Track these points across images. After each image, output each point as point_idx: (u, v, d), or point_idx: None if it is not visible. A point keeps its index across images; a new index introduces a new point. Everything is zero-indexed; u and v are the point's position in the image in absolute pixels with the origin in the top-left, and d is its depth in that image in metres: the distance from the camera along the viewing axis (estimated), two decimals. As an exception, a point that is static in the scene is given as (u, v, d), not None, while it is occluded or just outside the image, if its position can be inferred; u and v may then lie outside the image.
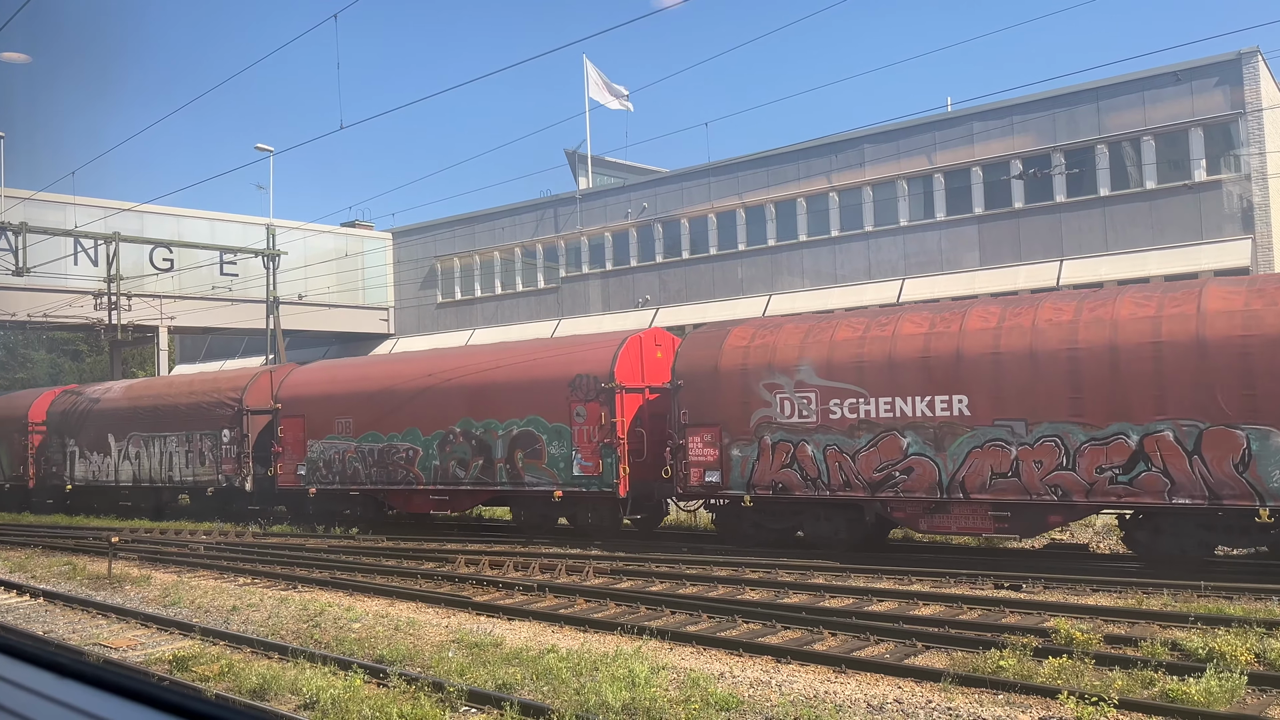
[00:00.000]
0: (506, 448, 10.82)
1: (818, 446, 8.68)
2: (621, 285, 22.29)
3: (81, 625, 7.47)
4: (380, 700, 4.74)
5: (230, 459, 13.93)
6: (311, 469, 12.72)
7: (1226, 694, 4.45)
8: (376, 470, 12.05)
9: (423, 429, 11.59)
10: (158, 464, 15.07)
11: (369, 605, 7.62)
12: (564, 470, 10.31)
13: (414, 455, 11.65)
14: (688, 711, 4.44)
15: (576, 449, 10.24)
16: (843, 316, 9.36)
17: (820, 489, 8.66)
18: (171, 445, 14.84)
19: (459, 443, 11.25)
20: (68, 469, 16.63)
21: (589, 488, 10.17)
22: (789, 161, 19.82)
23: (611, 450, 10.02)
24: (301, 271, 22.91)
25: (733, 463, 9.10)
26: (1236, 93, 15.28)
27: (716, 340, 9.55)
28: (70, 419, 16.68)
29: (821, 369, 8.69)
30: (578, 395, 10.30)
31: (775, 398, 8.90)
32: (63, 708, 0.90)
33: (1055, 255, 16.83)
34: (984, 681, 4.81)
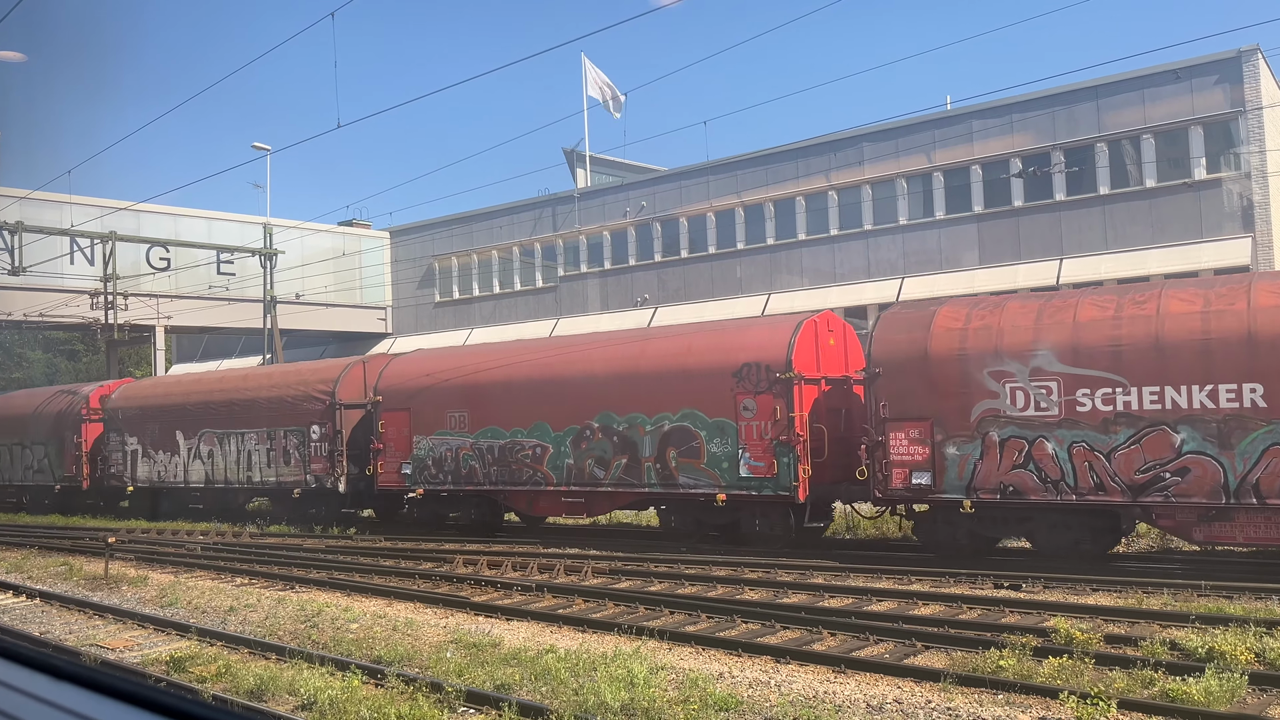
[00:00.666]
0: (656, 445, 9.53)
1: (1060, 443, 7.37)
2: (620, 284, 22.25)
3: (78, 626, 7.45)
4: (378, 701, 4.72)
5: (320, 458, 12.68)
6: (418, 468, 11.38)
7: (1226, 694, 4.44)
8: (497, 469, 10.77)
9: (553, 424, 10.28)
10: (234, 464, 13.73)
11: (367, 605, 7.59)
12: (728, 471, 9.09)
13: (542, 453, 10.36)
14: (686, 712, 4.42)
15: (744, 447, 8.98)
16: (1082, 293, 7.96)
17: (1063, 492, 7.38)
18: (250, 443, 13.47)
19: (597, 439, 9.97)
20: (128, 469, 15.30)
21: (760, 490, 8.93)
22: (788, 160, 19.77)
23: (789, 449, 8.75)
24: (299, 271, 22.86)
25: (948, 462, 7.84)
26: (1236, 91, 15.26)
27: (922, 322, 8.21)
28: (131, 415, 15.31)
29: (1065, 353, 7.36)
30: (745, 386, 9.04)
31: (1004, 387, 7.60)
32: (59, 711, 0.88)
33: (1055, 254, 16.82)
34: (984, 681, 4.79)
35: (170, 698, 0.89)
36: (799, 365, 8.96)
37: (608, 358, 10.27)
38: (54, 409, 17.01)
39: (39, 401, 17.65)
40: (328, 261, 24.20)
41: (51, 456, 16.92)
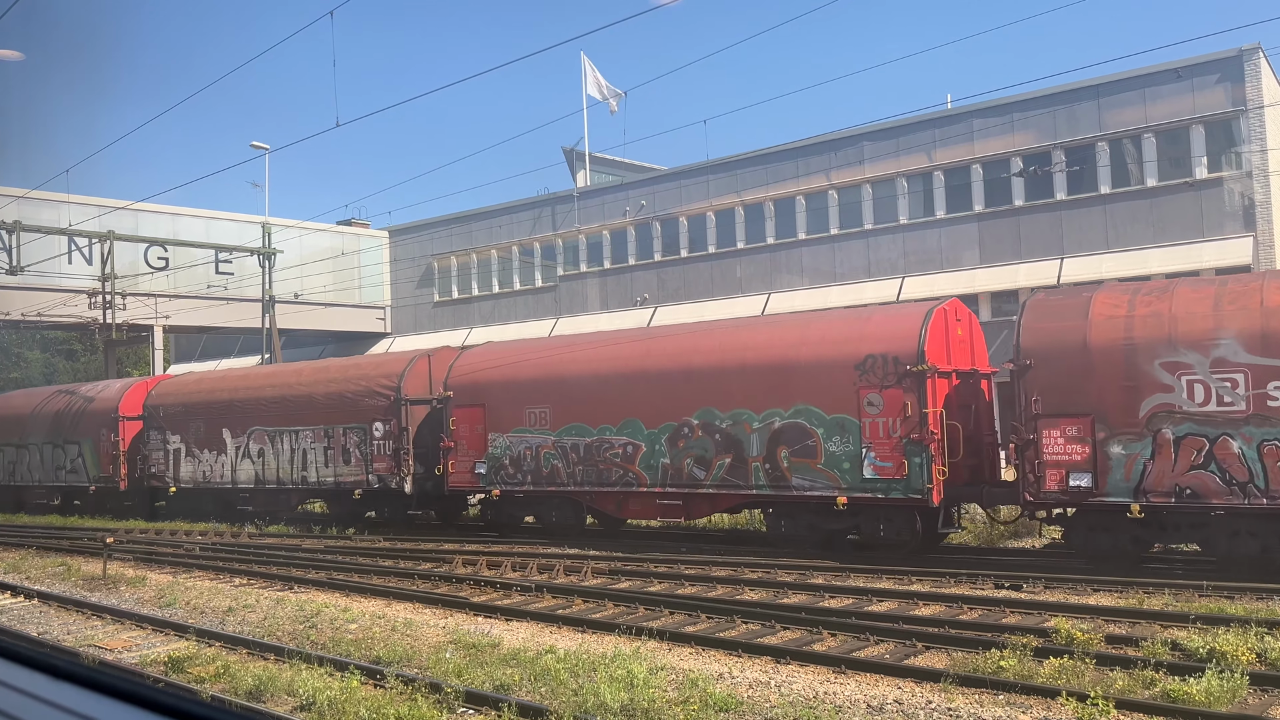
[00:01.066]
0: (765, 444, 8.76)
1: (1249, 442, 6.66)
2: (619, 284, 22.22)
3: (76, 626, 7.43)
4: (377, 701, 4.71)
5: (384, 456, 11.76)
6: (494, 467, 10.62)
7: (1228, 694, 4.43)
8: (583, 469, 9.96)
9: (646, 420, 9.50)
10: (288, 463, 12.80)
11: (366, 606, 7.58)
12: (850, 472, 8.30)
13: (634, 452, 9.59)
14: (686, 712, 4.41)
15: (869, 446, 8.19)
16: (1266, 276, 7.18)
17: (1253, 496, 6.67)
18: (306, 441, 12.53)
19: (697, 437, 9.19)
20: (170, 469, 14.36)
21: (886, 493, 8.13)
22: (788, 159, 19.73)
23: (921, 448, 7.94)
24: (297, 270, 22.83)
25: (1112, 462, 7.07)
26: (1238, 89, 15.25)
27: (1078, 309, 7.41)
28: (173, 412, 14.38)
29: (1253, 342, 6.64)
30: (870, 380, 8.24)
31: (1179, 380, 6.87)
32: (57, 710, 0.88)
33: (1056, 253, 16.80)
34: (984, 682, 4.78)
35: (169, 697, 0.88)
36: (932, 356, 8.14)
37: (708, 349, 9.44)
38: (87, 406, 16.10)
39: (71, 398, 16.74)
40: (326, 261, 24.16)
41: (86, 456, 15.90)
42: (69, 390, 17.56)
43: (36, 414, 17.19)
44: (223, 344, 28.48)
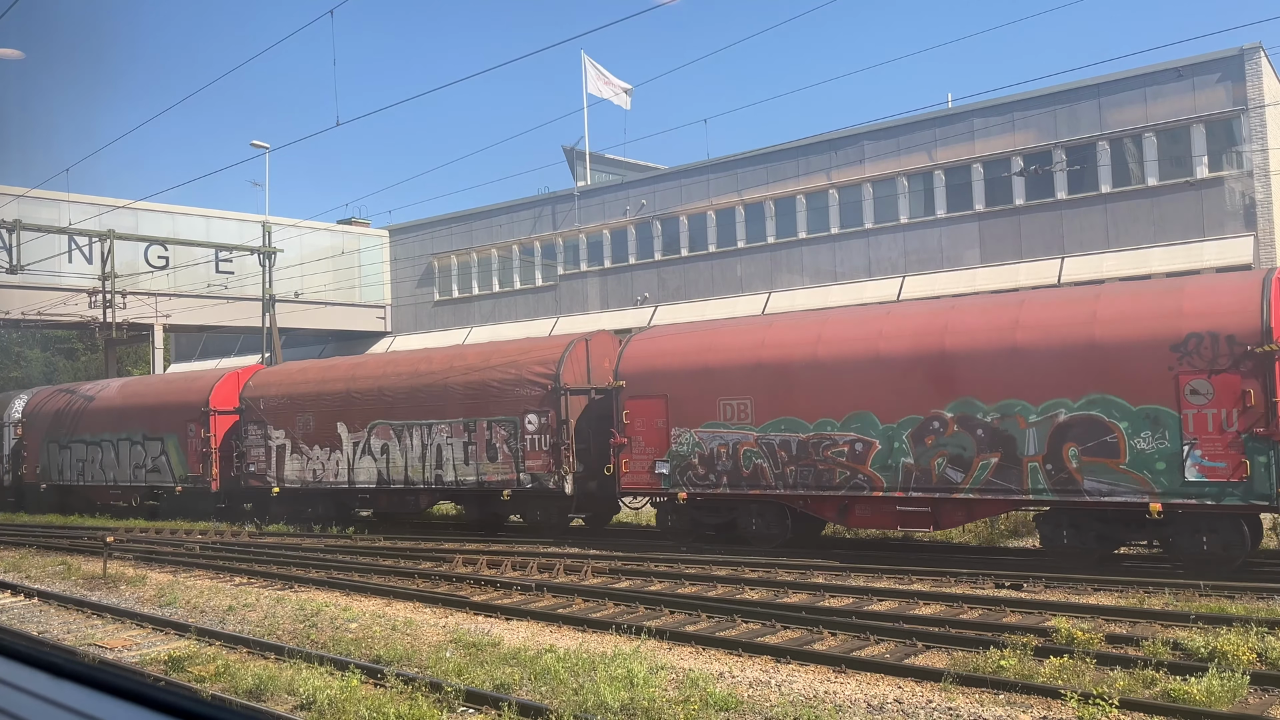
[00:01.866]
0: (1046, 440, 7.37)
1: None
2: (620, 283, 22.20)
3: (76, 625, 7.43)
4: (377, 700, 4.71)
5: (539, 452, 10.25)
6: (679, 466, 9.29)
7: (1228, 694, 4.42)
8: (795, 470, 8.64)
9: (880, 414, 8.15)
10: (418, 460, 11.25)
11: (366, 605, 7.57)
12: (1165, 474, 6.95)
13: (865, 450, 8.25)
14: (686, 712, 4.40)
15: (1192, 443, 6.82)
16: None
17: None
18: (441, 436, 11.04)
19: (951, 433, 7.80)
20: (273, 467, 12.83)
21: (1218, 499, 6.82)
22: (788, 158, 19.70)
23: (1270, 445, 6.60)
24: (297, 269, 22.81)
25: None
26: (1239, 89, 15.21)
27: None
28: (276, 404, 12.88)
29: None
30: (1192, 363, 6.87)
31: None
32: (57, 708, 0.88)
33: (1056, 253, 16.78)
34: (985, 681, 4.77)
35: (169, 695, 0.88)
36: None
37: (964, 329, 7.96)
38: (171, 398, 14.52)
39: (151, 390, 15.24)
40: (326, 260, 24.14)
41: (170, 454, 14.29)
42: (145, 382, 16.50)
43: (110, 408, 15.59)
44: (223, 343, 28.48)
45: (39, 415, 17.33)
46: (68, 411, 16.61)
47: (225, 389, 14.31)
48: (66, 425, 16.52)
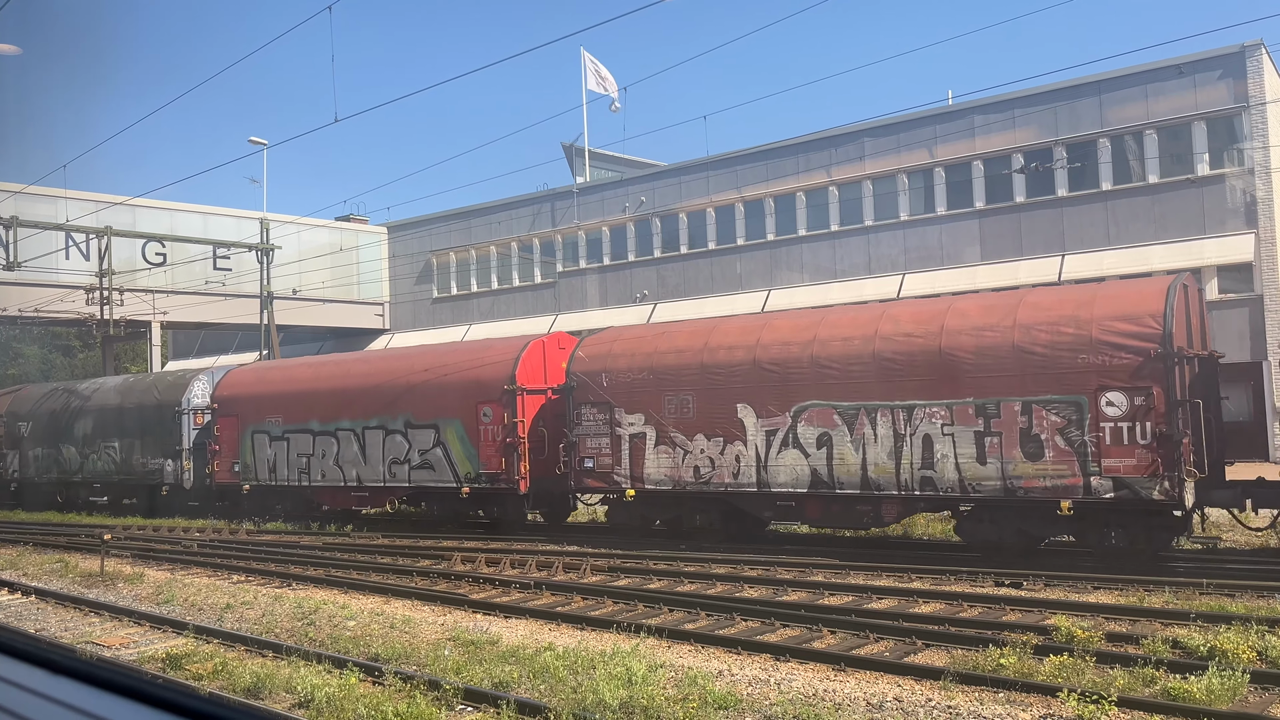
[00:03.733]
0: None
1: None
2: (619, 280, 22.15)
3: (73, 623, 7.41)
4: (375, 699, 4.69)
5: (1139, 445, 6.49)
6: None
7: (1228, 692, 4.41)
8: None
9: None
10: (886, 455, 7.89)
11: (364, 603, 7.55)
12: None
13: None
14: (685, 710, 4.39)
15: None
16: None
17: None
18: (934, 422, 7.61)
19: None
20: (624, 463, 9.27)
21: None
22: (788, 155, 19.66)
23: None
24: (295, 266, 22.73)
25: None
26: (1240, 86, 15.18)
27: None
28: (629, 381, 9.26)
29: None
30: None
31: None
32: (56, 705, 0.88)
33: (1057, 250, 16.74)
34: (984, 680, 4.76)
35: (167, 691, 0.87)
36: None
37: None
38: (453, 374, 10.81)
39: (422, 363, 11.32)
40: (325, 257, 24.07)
41: (451, 445, 10.63)
42: (404, 355, 12.41)
43: (352, 389, 11.72)
44: (220, 340, 28.41)
45: (237, 400, 13.06)
46: (282, 394, 12.70)
47: (532, 361, 10.55)
48: (280, 411, 12.48)
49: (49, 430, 16.54)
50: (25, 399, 17.62)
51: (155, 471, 14.70)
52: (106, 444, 15.45)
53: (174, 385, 14.89)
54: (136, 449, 15.01)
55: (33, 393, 17.91)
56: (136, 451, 15.01)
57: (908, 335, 8.36)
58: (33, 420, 16.91)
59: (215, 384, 14.17)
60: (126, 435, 15.17)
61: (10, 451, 17.23)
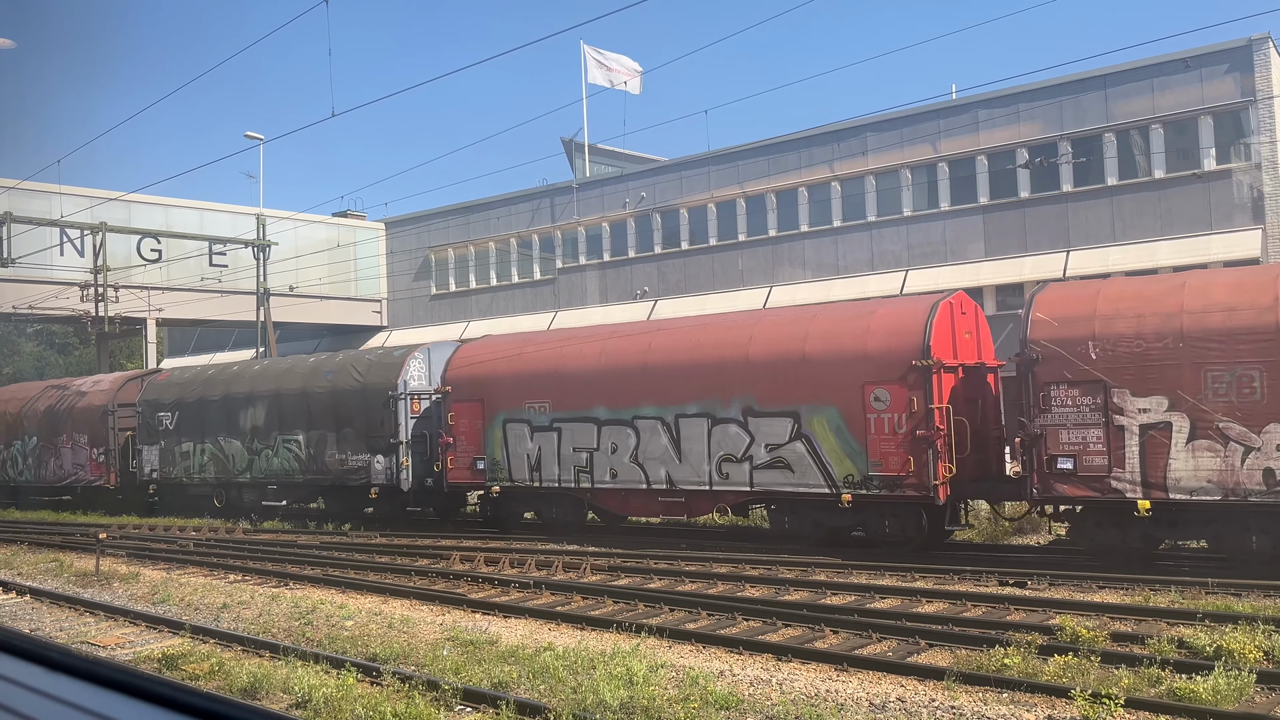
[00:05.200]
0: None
1: None
2: (619, 276, 22.05)
3: (69, 623, 7.36)
4: (374, 699, 4.65)
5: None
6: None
7: (1235, 692, 4.37)
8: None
9: None
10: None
11: (362, 603, 7.50)
12: None
13: None
14: (686, 710, 4.35)
15: None
16: None
17: None
18: None
19: None
20: (1133, 462, 6.53)
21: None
22: (790, 150, 19.53)
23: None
24: (292, 263, 22.61)
25: None
26: (1247, 80, 15.05)
27: None
28: (1131, 351, 6.41)
29: None
30: None
31: None
32: (54, 702, 0.87)
33: (1062, 246, 16.63)
34: (988, 680, 4.72)
35: (165, 688, 0.87)
36: None
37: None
38: (818, 346, 8.15)
39: (760, 333, 8.68)
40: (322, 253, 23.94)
41: (822, 439, 8.11)
42: (726, 322, 9.29)
43: (649, 366, 8.99)
44: (217, 337, 28.29)
45: (480, 382, 10.15)
46: (549, 375, 9.80)
47: (943, 328, 7.97)
48: (546, 394, 9.67)
49: (202, 421, 13.31)
50: (167, 385, 14.14)
51: (359, 470, 11.38)
52: (287, 437, 12.19)
53: (381, 365, 11.74)
54: (330, 443, 11.78)
55: (178, 377, 14.55)
56: (330, 446, 11.77)
57: None
58: (179, 410, 13.57)
59: (446, 362, 11.00)
60: (316, 427, 11.94)
61: (147, 447, 13.93)
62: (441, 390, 11.00)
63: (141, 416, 14.42)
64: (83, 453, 15.29)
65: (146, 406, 14.38)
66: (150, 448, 14.31)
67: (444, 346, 12.26)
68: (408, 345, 13.29)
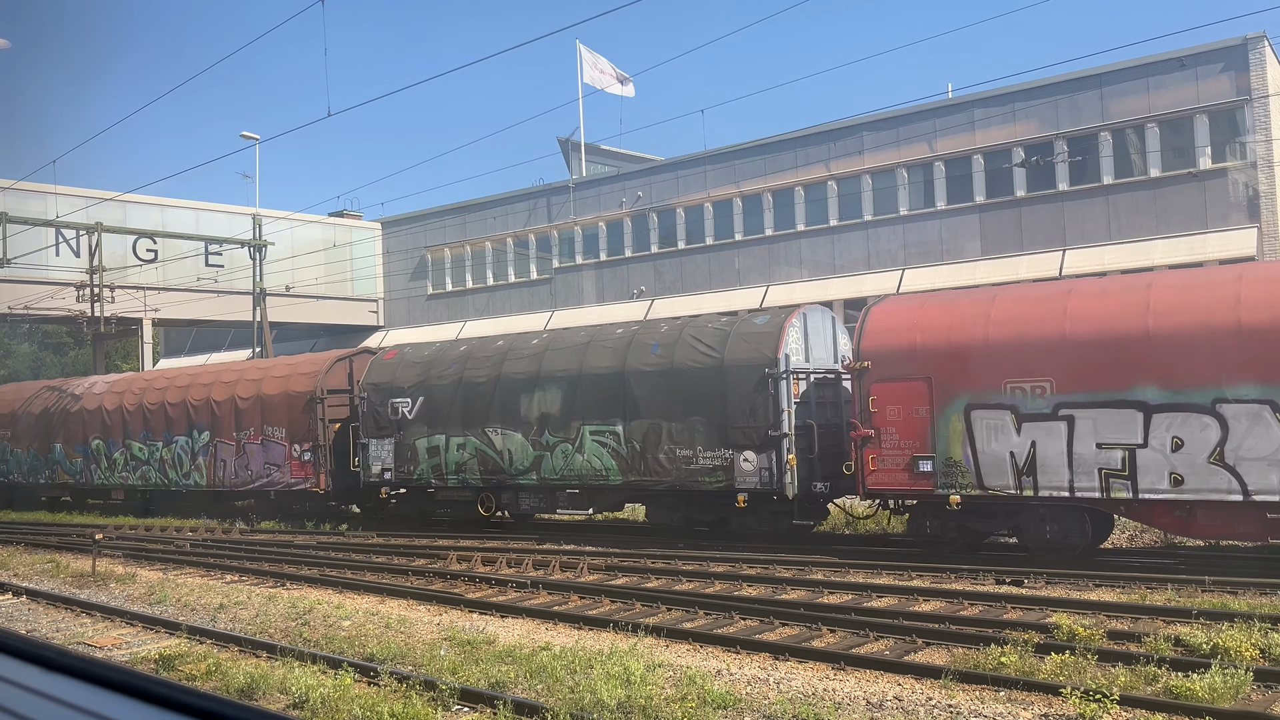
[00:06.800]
0: None
1: None
2: (616, 276, 22.03)
3: (65, 624, 7.33)
4: (371, 699, 4.63)
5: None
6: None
7: (1231, 690, 4.38)
8: None
9: None
10: None
11: (359, 603, 7.49)
12: None
13: None
14: (684, 709, 4.34)
15: None
16: None
17: None
18: None
19: None
20: None
21: None
22: (786, 149, 19.52)
23: None
24: (289, 262, 22.55)
25: None
26: (1242, 78, 15.09)
27: None
28: None
29: None
30: None
31: None
32: (51, 702, 0.87)
33: (1058, 245, 16.67)
34: (985, 678, 4.72)
35: (163, 688, 0.86)
36: None
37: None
38: None
39: None
40: (318, 253, 23.88)
41: None
42: None
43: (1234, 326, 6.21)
44: (213, 337, 28.20)
45: (918, 353, 7.57)
46: (1027, 339, 7.17)
47: None
48: (1032, 366, 7.09)
49: (463, 409, 10.01)
50: (404, 365, 10.65)
51: (715, 470, 8.51)
52: (598, 428, 9.10)
53: (748, 336, 8.67)
54: (666, 436, 8.78)
55: (415, 355, 10.91)
56: (666, 439, 8.78)
57: None
58: (424, 395, 10.21)
59: (860, 328, 8.01)
60: (642, 415, 8.89)
61: (375, 441, 10.52)
62: (855, 366, 8.03)
63: (366, 404, 10.89)
64: (278, 450, 11.81)
65: (374, 392, 10.83)
66: (380, 442, 10.72)
67: (818, 311, 9.39)
68: (779, 308, 10.24)
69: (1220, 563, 7.49)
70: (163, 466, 13.69)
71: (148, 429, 13.82)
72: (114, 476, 14.28)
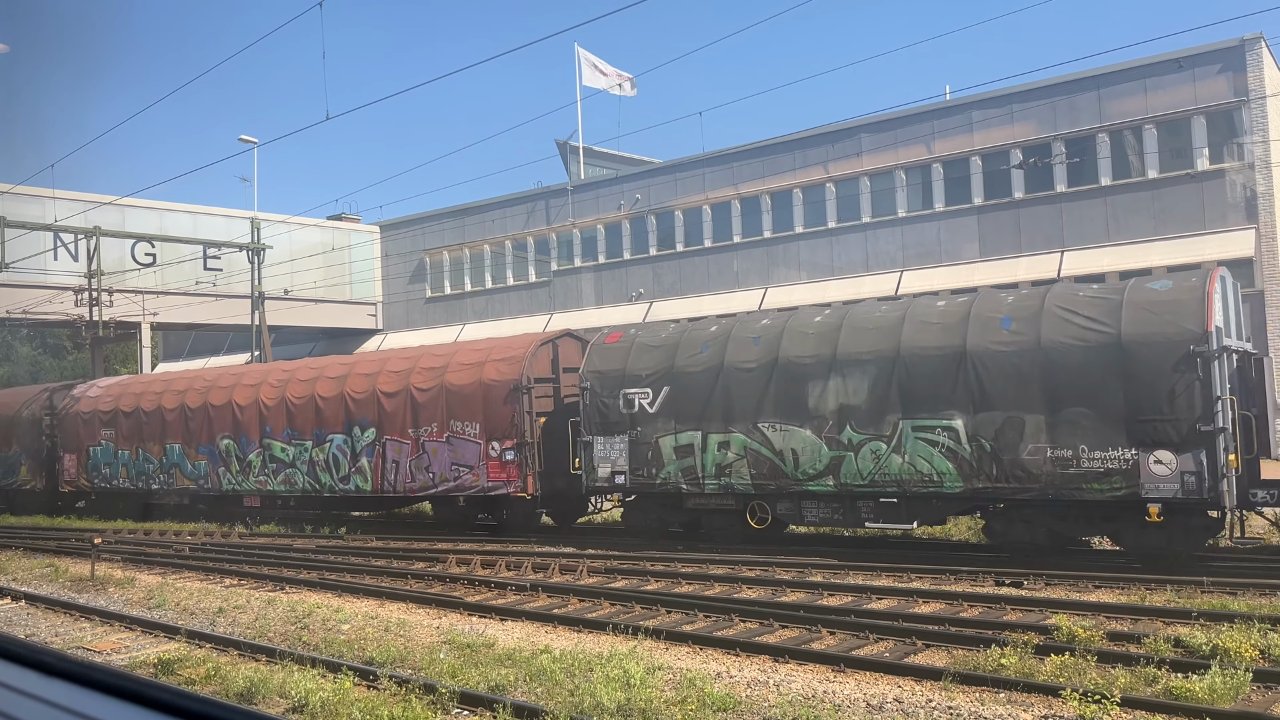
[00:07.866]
0: None
1: None
2: (614, 278, 22.06)
3: (64, 628, 7.32)
4: (370, 703, 4.63)
5: None
6: None
7: (1231, 691, 4.38)
8: None
9: None
10: None
11: (358, 606, 7.49)
12: None
13: None
14: (684, 712, 4.34)
15: None
16: None
17: None
18: None
19: None
20: None
21: None
22: (785, 151, 19.58)
23: None
24: (287, 266, 22.58)
25: None
26: (1240, 79, 15.15)
27: None
28: None
29: None
30: None
31: None
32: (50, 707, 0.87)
33: (1056, 246, 16.70)
34: (985, 680, 4.72)
35: (162, 692, 0.86)
36: None
37: None
38: None
39: None
40: (316, 256, 23.91)
41: None
42: None
43: None
44: (211, 341, 28.20)
45: None
46: None
47: None
48: None
49: (724, 400, 8.21)
50: (638, 349, 8.75)
51: (1108, 475, 6.53)
52: (923, 423, 7.26)
53: (1152, 305, 6.69)
54: (1031, 431, 6.93)
55: (650, 338, 9.04)
56: (1030, 436, 6.94)
57: None
58: (669, 385, 8.29)
59: None
60: (992, 406, 7.08)
61: (602, 439, 8.67)
62: None
63: (590, 394, 9.09)
64: (470, 449, 9.80)
65: (598, 381, 8.97)
66: (610, 440, 8.87)
67: (1228, 276, 7.28)
68: (1194, 266, 7.75)
69: (1220, 564, 7.50)
70: (313, 469, 11.26)
71: (292, 426, 11.45)
72: (248, 481, 11.91)
